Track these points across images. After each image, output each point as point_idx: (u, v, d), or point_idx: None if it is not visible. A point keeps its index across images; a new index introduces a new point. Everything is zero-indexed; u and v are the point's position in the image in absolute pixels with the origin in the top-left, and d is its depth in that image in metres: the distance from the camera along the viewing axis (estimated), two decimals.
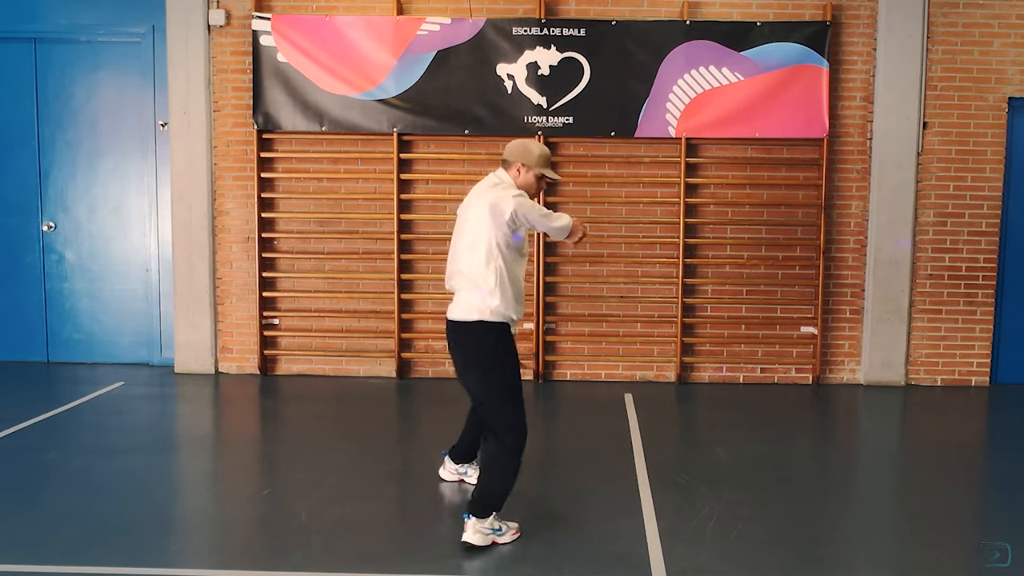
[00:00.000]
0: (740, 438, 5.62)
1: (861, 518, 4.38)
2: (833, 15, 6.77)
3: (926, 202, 6.95)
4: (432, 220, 7.06)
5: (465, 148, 7.02)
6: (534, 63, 6.84)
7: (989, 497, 4.81)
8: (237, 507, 4.42)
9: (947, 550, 3.98)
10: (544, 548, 3.88)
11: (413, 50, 6.82)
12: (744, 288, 7.09)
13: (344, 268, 7.15)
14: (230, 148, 7.09)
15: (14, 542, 3.86)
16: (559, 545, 3.92)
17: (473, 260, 3.85)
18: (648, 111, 6.85)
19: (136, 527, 4.04)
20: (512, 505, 4.04)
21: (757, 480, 4.81)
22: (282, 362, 7.26)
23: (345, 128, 6.94)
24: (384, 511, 4.33)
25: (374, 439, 5.55)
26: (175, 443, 5.56)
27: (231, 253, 7.16)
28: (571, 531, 4.07)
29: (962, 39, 6.82)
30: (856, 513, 4.47)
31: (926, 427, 6.23)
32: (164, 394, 6.70)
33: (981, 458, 5.58)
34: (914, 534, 4.17)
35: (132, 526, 4.05)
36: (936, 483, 4.90)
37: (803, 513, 4.36)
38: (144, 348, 7.43)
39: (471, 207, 3.96)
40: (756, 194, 7.01)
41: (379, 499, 4.46)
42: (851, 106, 6.94)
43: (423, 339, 7.18)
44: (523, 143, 4.08)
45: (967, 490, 4.90)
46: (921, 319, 7.05)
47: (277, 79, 6.89)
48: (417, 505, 4.46)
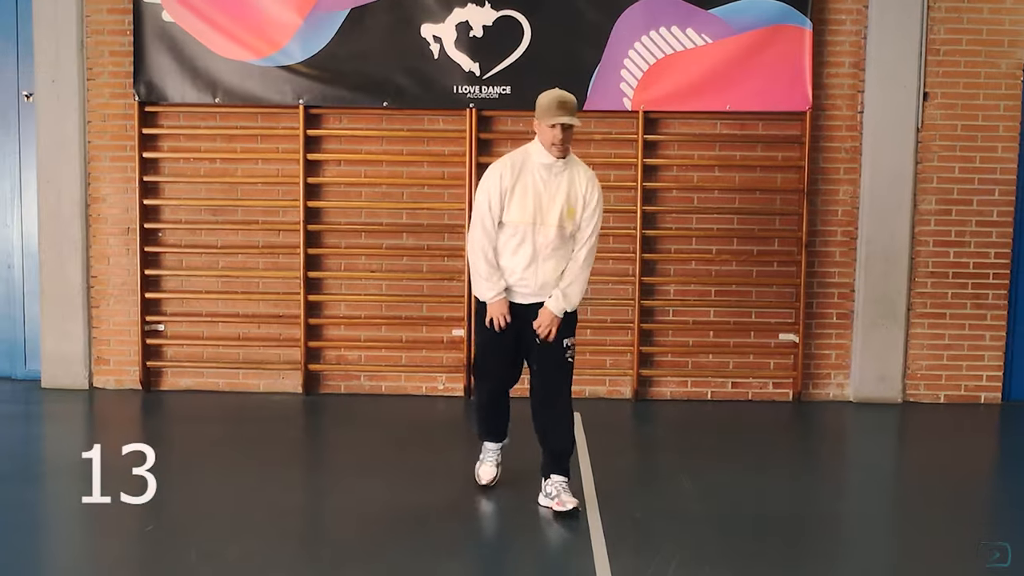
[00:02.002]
0: (708, 466, 5.38)
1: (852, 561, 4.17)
2: None
3: (927, 187, 6.63)
4: (345, 208, 6.74)
5: (384, 123, 6.69)
6: (465, 23, 6.49)
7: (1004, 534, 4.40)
8: (114, 546, 4.19)
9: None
10: None
11: (322, 7, 6.46)
12: (713, 288, 6.77)
13: (241, 265, 6.83)
14: (107, 123, 6.75)
15: None
16: None
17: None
18: (599, 80, 6.50)
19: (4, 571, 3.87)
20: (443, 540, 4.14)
21: (728, 516, 4.57)
22: (168, 375, 6.93)
23: (242, 100, 6.60)
24: (290, 550, 4.11)
25: (277, 466, 5.30)
26: (42, 471, 5.31)
27: (108, 247, 6.82)
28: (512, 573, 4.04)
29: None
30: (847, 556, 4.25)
31: (928, 452, 5.95)
32: (29, 413, 6.41)
33: (993, 487, 5.34)
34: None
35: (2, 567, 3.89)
36: (941, 521, 4.63)
37: (781, 557, 4.13)
38: (5, 359, 7.07)
39: None
40: (727, 177, 6.69)
41: (283, 536, 4.26)
42: (839, 74, 6.62)
43: (334, 349, 6.86)
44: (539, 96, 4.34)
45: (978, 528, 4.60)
46: (921, 325, 6.72)
47: (162, 42, 6.53)
48: (329, 545, 4.22)
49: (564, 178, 4.28)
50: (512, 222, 4.25)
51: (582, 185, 4.30)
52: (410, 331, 6.72)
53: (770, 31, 6.37)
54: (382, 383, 6.80)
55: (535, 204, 4.24)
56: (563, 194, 4.28)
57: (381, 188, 6.69)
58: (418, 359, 6.75)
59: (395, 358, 6.76)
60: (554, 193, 4.27)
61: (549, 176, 4.27)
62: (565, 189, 4.28)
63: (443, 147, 6.63)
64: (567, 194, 4.28)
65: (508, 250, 4.31)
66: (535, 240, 4.26)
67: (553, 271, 4.32)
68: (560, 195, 4.28)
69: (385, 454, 5.48)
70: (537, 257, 4.31)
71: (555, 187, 4.28)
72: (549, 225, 4.26)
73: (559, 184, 4.28)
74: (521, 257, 4.30)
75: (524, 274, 4.31)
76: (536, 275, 4.32)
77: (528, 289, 4.33)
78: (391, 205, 6.66)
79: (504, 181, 4.25)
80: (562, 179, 4.28)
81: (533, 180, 4.26)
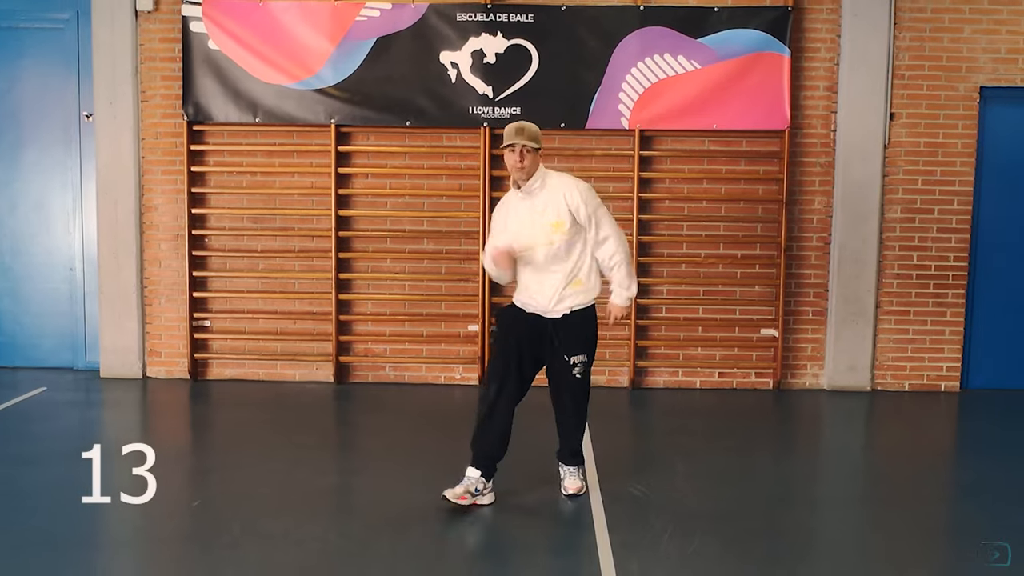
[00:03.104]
0: (697, 447, 5.59)
1: (825, 533, 4.39)
2: (795, 0, 6.70)
3: (893, 197, 6.90)
4: (372, 216, 7.01)
5: (407, 141, 6.95)
6: (479, 51, 6.75)
7: (960, 509, 4.78)
8: (166, 521, 4.32)
9: (916, 568, 3.92)
10: (494, 562, 3.95)
11: (352, 37, 6.73)
12: (701, 288, 7.02)
13: (279, 267, 7.08)
14: (159, 140, 7.01)
15: None
16: (509, 559, 3.99)
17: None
18: (599, 101, 6.77)
19: (59, 541, 3.97)
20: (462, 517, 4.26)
21: (715, 492, 4.76)
22: (213, 366, 7.18)
23: (280, 119, 6.87)
24: (322, 525, 4.24)
25: (311, 448, 5.48)
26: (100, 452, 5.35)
27: (160, 251, 7.09)
28: (521, 544, 4.12)
29: (931, 25, 6.75)
30: (821, 527, 4.47)
31: (893, 435, 6.19)
32: (89, 400, 6.64)
33: (951, 468, 5.57)
34: (881, 550, 4.09)
35: (55, 541, 3.98)
36: (904, 495, 4.83)
37: (764, 527, 4.33)
38: (68, 351, 7.35)
39: None
40: (714, 189, 6.96)
41: (317, 512, 4.41)
42: (814, 96, 6.88)
43: (362, 343, 7.13)
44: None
45: (937, 502, 4.88)
46: (888, 321, 6.99)
47: (208, 67, 6.80)
48: (358, 519, 4.39)
49: (541, 198, 4.34)
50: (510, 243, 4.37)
51: (562, 197, 4.31)
52: (430, 327, 7.00)
53: (752, 58, 6.66)
54: (405, 373, 7.07)
55: (518, 228, 4.33)
56: (544, 213, 4.32)
57: (404, 198, 6.93)
58: (437, 352, 7.02)
59: (417, 351, 7.05)
60: (535, 215, 4.33)
61: (527, 200, 4.36)
62: (542, 207, 4.32)
63: (460, 162, 6.90)
64: (547, 211, 4.32)
65: (520, 268, 4.42)
66: (532, 258, 4.34)
67: (560, 283, 4.37)
68: (540, 215, 4.33)
69: (408, 437, 5.71)
70: (539, 272, 4.38)
71: (534, 209, 4.34)
72: (539, 245, 4.32)
73: (536, 205, 4.34)
74: (527, 274, 4.41)
75: (532, 288, 4.40)
76: (542, 289, 4.38)
77: (535, 301, 4.41)
78: (413, 213, 6.93)
79: (497, 215, 4.51)
80: (539, 199, 4.34)
81: (515, 208, 4.39)
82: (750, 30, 6.62)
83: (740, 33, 6.64)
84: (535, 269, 4.38)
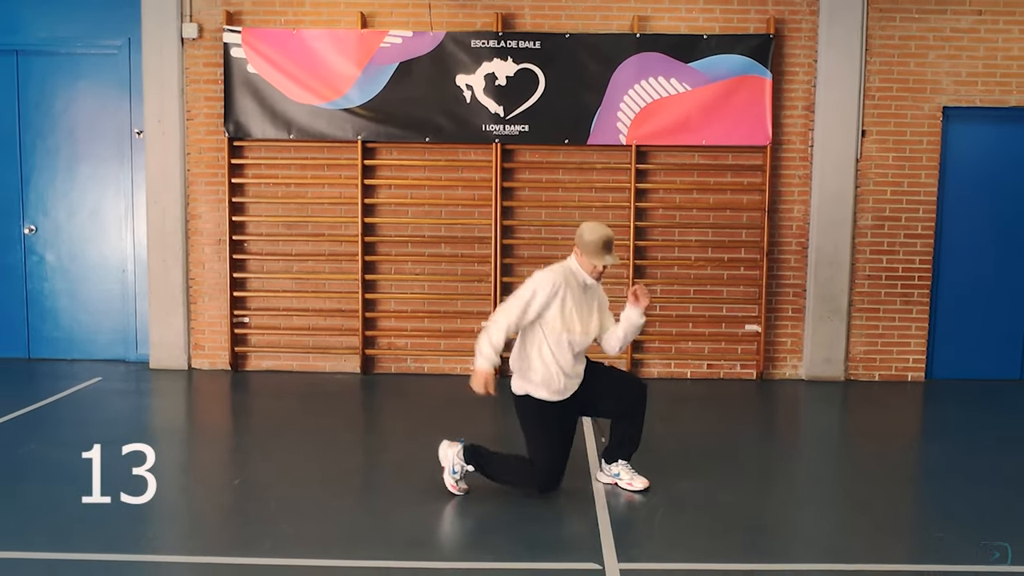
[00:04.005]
0: (687, 430, 5.77)
1: (805, 507, 4.52)
2: (776, 28, 7.02)
3: (864, 206, 7.18)
4: (394, 223, 7.31)
5: (426, 155, 7.25)
6: (492, 74, 7.06)
7: (925, 485, 4.99)
8: (210, 496, 4.56)
9: (887, 536, 4.09)
10: (502, 536, 4.02)
11: (376, 62, 7.04)
12: (692, 288, 7.31)
13: (311, 269, 7.35)
14: (202, 155, 7.30)
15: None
16: (515, 534, 4.04)
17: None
18: (600, 119, 7.07)
19: (113, 515, 4.10)
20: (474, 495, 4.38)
21: (704, 471, 4.92)
22: (252, 358, 7.48)
23: (312, 136, 7.17)
24: (350, 500, 4.45)
25: (340, 432, 5.72)
26: (150, 436, 5.65)
27: (203, 255, 7.36)
28: (526, 521, 4.18)
29: (899, 51, 7.07)
30: (800, 502, 4.61)
31: (865, 420, 6.37)
32: (139, 389, 6.88)
33: (917, 449, 5.77)
34: (855, 522, 4.28)
35: (109, 514, 4.11)
36: (875, 473, 5.02)
37: (749, 503, 4.48)
38: (120, 345, 7.63)
39: None
40: (703, 198, 7.24)
41: (345, 489, 4.59)
42: (793, 115, 7.18)
43: (386, 337, 7.43)
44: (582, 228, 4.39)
45: (904, 479, 5.07)
46: (860, 317, 7.27)
47: (247, 89, 7.12)
48: (382, 495, 4.55)
49: (595, 292, 4.49)
50: (555, 329, 4.29)
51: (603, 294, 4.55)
52: (447, 323, 7.30)
53: (737, 80, 6.97)
54: (425, 364, 7.36)
55: (578, 316, 4.33)
56: (595, 306, 4.47)
57: (424, 207, 7.24)
58: (454, 345, 7.30)
59: (435, 344, 7.34)
60: (591, 306, 4.44)
61: (589, 292, 4.44)
62: (596, 302, 4.48)
63: (474, 174, 7.19)
64: (598, 305, 4.49)
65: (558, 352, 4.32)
66: (574, 343, 4.33)
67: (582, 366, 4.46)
68: (594, 307, 4.46)
69: (428, 421, 5.88)
70: (578, 357, 4.43)
71: (591, 300, 4.45)
72: (589, 334, 4.41)
73: (593, 298, 4.46)
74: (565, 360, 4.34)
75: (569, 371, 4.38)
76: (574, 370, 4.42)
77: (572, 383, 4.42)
78: (432, 221, 7.22)
79: (557, 290, 4.28)
80: (594, 293, 4.48)
81: (575, 295, 4.34)
82: (735, 55, 6.95)
83: (726, 58, 6.96)
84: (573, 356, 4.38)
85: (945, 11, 7.03)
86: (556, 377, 4.35)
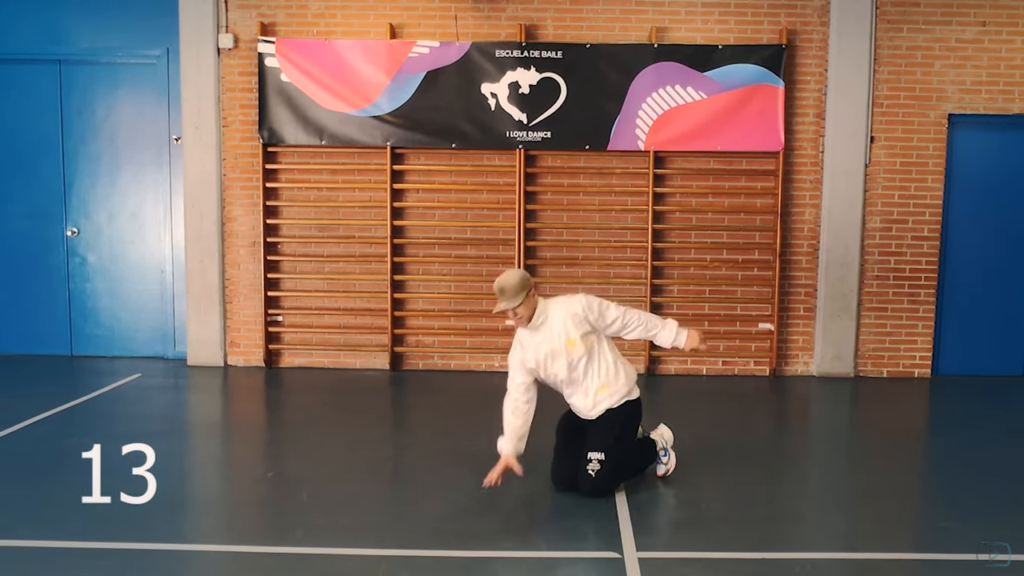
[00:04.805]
0: (703, 425, 5.87)
1: (816, 498, 4.62)
2: (788, 39, 7.22)
3: (873, 210, 7.35)
4: (422, 226, 7.51)
5: (452, 160, 7.44)
6: (515, 83, 7.25)
7: (933, 477, 5.10)
8: (244, 488, 4.67)
9: (895, 526, 4.20)
10: (522, 525, 4.13)
11: (405, 71, 7.25)
12: (707, 288, 7.47)
13: (342, 270, 7.53)
14: (238, 160, 7.49)
15: (40, 520, 4.08)
16: (536, 522, 4.16)
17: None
18: (619, 127, 7.26)
19: (152, 506, 4.16)
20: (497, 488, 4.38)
21: (719, 463, 5.00)
22: (285, 355, 7.67)
23: (343, 142, 7.36)
24: (379, 491, 4.57)
25: (369, 426, 5.86)
26: (188, 430, 5.88)
27: (239, 256, 7.55)
28: (547, 509, 4.28)
29: (906, 61, 7.26)
30: (811, 494, 4.71)
31: (874, 415, 6.49)
32: (177, 385, 7.05)
33: (924, 442, 5.87)
34: (865, 512, 4.38)
35: (148, 505, 4.17)
36: (884, 465, 5.13)
37: (762, 494, 4.57)
38: (159, 343, 7.84)
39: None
40: (718, 202, 7.40)
41: (375, 480, 4.72)
42: (804, 122, 7.35)
43: (414, 335, 7.63)
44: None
45: (912, 471, 5.19)
46: (869, 316, 7.42)
47: (281, 97, 7.33)
48: (410, 486, 4.66)
49: (549, 327, 4.34)
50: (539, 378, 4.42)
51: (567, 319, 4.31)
52: (473, 321, 7.46)
53: (751, 89, 7.14)
54: (451, 361, 7.52)
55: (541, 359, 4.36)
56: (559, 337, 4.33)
57: (450, 210, 7.41)
58: (479, 343, 7.49)
59: (461, 342, 7.51)
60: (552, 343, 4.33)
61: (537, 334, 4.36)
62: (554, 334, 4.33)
63: (498, 179, 7.37)
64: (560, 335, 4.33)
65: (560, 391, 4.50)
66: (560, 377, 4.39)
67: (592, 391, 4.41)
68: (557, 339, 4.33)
69: (453, 415, 6.03)
70: (573, 386, 4.44)
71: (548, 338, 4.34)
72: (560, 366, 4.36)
73: (547, 334, 4.34)
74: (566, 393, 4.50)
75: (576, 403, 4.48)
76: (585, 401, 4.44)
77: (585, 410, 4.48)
78: (458, 223, 7.40)
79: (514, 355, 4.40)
80: (549, 329, 4.34)
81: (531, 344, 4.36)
82: (749, 65, 7.14)
83: (741, 67, 7.15)
84: (568, 384, 4.44)
85: (951, 22, 7.22)
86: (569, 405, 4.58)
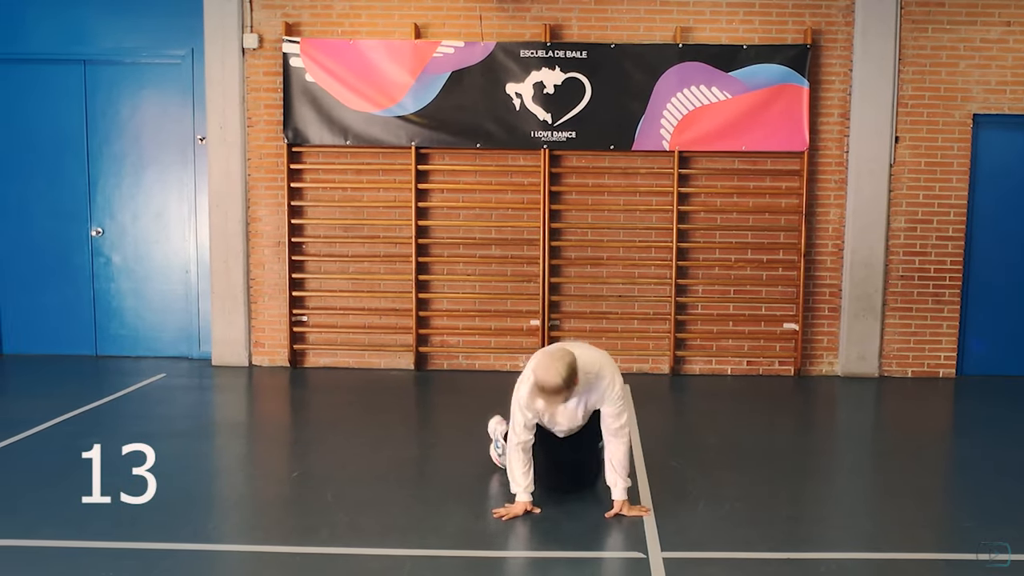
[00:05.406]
0: (728, 425, 5.91)
1: (841, 498, 4.64)
2: (813, 39, 7.22)
3: (898, 210, 7.37)
4: (447, 226, 7.53)
5: (477, 160, 7.46)
6: (540, 83, 7.26)
7: (958, 478, 5.11)
8: (269, 488, 4.68)
9: (920, 528, 4.19)
10: (548, 525, 4.11)
11: (429, 71, 7.26)
12: (731, 288, 7.49)
13: (366, 270, 7.55)
14: (262, 160, 7.51)
15: (64, 520, 4.09)
16: (561, 522, 4.14)
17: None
18: (644, 126, 7.27)
19: (177, 506, 4.22)
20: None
21: (743, 463, 5.02)
22: (310, 355, 7.68)
23: (367, 142, 7.37)
24: (404, 491, 4.55)
25: (394, 426, 5.88)
26: (212, 430, 5.91)
27: (263, 256, 7.58)
28: (573, 509, 4.27)
29: (931, 61, 7.26)
30: (836, 494, 4.71)
31: (898, 415, 6.53)
32: (202, 385, 7.07)
33: (949, 443, 5.89)
34: (889, 512, 4.39)
35: (173, 505, 4.22)
36: (909, 466, 5.12)
37: (787, 494, 4.58)
38: (184, 343, 7.87)
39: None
40: (742, 202, 7.42)
41: (399, 480, 4.71)
42: (829, 122, 7.36)
43: (439, 335, 7.64)
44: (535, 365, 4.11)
45: (937, 472, 5.20)
46: (893, 316, 7.44)
47: (305, 97, 7.33)
48: (434, 486, 4.66)
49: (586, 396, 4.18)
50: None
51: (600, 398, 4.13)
52: (497, 321, 7.48)
53: (776, 89, 7.15)
54: (475, 361, 7.54)
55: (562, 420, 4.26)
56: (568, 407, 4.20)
57: (475, 210, 7.42)
58: (503, 343, 7.51)
59: (485, 342, 7.53)
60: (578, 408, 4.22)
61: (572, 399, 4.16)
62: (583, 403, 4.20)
63: (523, 179, 7.38)
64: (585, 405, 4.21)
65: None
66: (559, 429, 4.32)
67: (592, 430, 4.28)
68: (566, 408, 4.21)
69: (478, 415, 5.61)
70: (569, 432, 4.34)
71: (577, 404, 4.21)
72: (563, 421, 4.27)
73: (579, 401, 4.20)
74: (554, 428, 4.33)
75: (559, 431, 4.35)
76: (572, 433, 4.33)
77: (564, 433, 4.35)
78: (482, 223, 7.41)
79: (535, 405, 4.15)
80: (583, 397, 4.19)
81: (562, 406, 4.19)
82: (774, 65, 7.14)
83: (765, 67, 7.15)
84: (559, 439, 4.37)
85: (975, 22, 7.23)
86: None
